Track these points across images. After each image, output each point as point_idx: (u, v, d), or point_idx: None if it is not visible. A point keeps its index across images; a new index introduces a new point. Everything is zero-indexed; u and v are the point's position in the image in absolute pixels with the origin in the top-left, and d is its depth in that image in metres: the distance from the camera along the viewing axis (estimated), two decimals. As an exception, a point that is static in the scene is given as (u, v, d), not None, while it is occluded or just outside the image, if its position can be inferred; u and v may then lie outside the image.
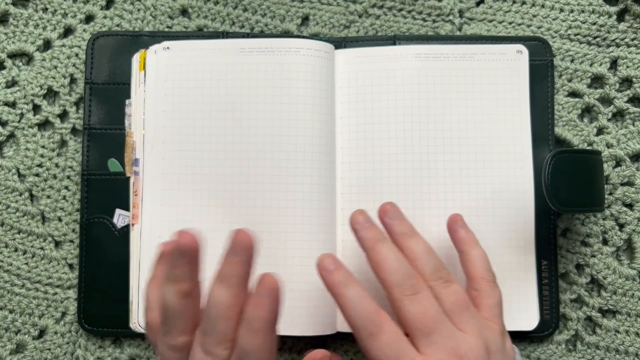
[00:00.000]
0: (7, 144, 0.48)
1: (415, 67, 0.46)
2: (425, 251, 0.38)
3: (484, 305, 0.38)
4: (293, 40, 0.46)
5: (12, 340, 0.47)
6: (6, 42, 0.48)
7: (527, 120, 0.46)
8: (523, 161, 0.45)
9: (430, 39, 0.48)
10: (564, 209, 0.41)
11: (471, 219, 0.44)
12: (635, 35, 0.49)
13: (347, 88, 0.46)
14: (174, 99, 0.46)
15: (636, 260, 0.47)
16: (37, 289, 0.47)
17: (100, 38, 0.47)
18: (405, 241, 0.39)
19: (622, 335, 0.47)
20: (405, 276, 0.36)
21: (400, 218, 0.40)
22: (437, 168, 0.45)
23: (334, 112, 0.46)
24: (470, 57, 0.46)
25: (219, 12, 0.49)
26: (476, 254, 0.40)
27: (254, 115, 0.45)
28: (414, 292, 0.35)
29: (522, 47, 0.46)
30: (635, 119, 0.48)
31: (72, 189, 0.47)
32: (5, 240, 0.47)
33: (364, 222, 0.39)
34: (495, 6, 0.49)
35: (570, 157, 0.42)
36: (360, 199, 0.45)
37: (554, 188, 0.41)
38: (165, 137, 0.45)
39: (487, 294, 0.39)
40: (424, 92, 0.46)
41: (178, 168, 0.45)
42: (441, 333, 0.35)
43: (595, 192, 0.43)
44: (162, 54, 0.46)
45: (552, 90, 0.47)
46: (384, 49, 0.46)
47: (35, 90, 0.48)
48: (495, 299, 0.39)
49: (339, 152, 0.46)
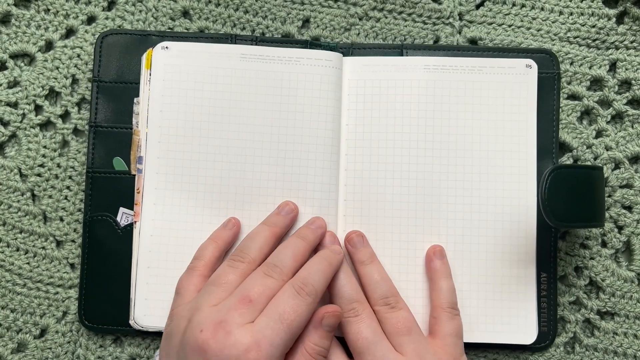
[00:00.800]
0: (9, 144, 0.48)
1: (424, 78, 0.46)
2: (378, 277, 0.42)
3: (439, 333, 0.41)
4: (297, 50, 0.46)
5: (13, 340, 0.47)
6: (8, 42, 0.49)
7: (534, 135, 0.46)
8: (527, 175, 0.45)
9: (438, 48, 0.48)
10: (560, 224, 0.41)
11: (472, 230, 0.45)
12: (635, 38, 0.49)
13: (355, 96, 0.46)
14: (171, 99, 0.46)
15: (635, 263, 0.47)
16: (38, 289, 0.47)
17: (109, 36, 0.47)
18: (362, 268, 0.43)
19: (621, 337, 0.47)
20: (348, 300, 0.41)
21: (362, 246, 0.44)
22: (440, 179, 0.45)
23: (340, 120, 0.46)
24: (479, 70, 0.46)
25: (220, 14, 0.49)
26: (444, 286, 0.43)
27: (253, 121, 0.45)
28: (354, 315, 0.40)
29: (532, 61, 0.46)
30: (634, 121, 0.48)
31: (73, 189, 0.48)
32: (7, 239, 0.47)
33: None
34: (495, 9, 0.49)
35: (569, 173, 0.42)
36: (363, 205, 0.45)
37: (551, 203, 0.41)
38: (161, 137, 0.45)
39: (443, 323, 0.41)
40: (431, 104, 0.46)
41: (173, 168, 0.45)
42: (373, 353, 0.39)
43: (595, 208, 0.43)
44: (161, 54, 0.46)
45: (557, 103, 0.47)
46: (393, 59, 0.46)
47: (37, 91, 0.48)
48: (451, 329, 0.41)
49: (343, 159, 0.46)
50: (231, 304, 0.37)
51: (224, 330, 0.36)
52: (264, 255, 0.41)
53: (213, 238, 0.44)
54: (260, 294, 0.38)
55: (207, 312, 0.37)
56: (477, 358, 0.47)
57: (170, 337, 0.39)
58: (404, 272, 0.45)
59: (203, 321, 0.37)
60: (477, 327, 0.44)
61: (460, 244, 0.45)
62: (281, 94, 0.45)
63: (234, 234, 0.44)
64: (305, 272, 0.39)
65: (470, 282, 0.45)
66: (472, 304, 0.44)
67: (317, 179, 0.45)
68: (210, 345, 0.35)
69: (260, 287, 0.38)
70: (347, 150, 0.46)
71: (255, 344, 0.35)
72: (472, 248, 0.45)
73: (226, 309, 0.37)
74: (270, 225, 0.43)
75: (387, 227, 0.45)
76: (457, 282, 0.44)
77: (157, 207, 0.45)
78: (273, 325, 0.36)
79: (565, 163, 0.48)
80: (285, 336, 0.36)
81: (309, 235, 0.42)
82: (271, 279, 0.39)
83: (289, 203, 0.44)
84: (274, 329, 0.36)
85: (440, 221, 0.45)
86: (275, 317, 0.37)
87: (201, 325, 0.37)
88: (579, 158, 0.48)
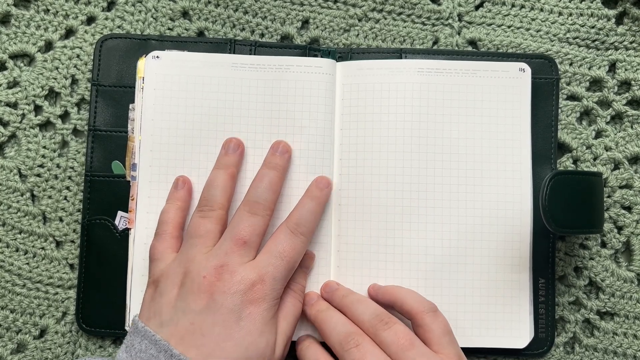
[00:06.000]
0: (9, 145, 0.48)
1: (417, 81, 0.46)
2: (361, 302, 0.42)
3: (432, 339, 0.40)
4: (287, 58, 0.46)
5: (13, 340, 0.47)
6: (8, 42, 0.49)
7: (528, 139, 0.46)
8: (522, 179, 0.45)
9: (437, 52, 0.47)
10: (560, 230, 0.41)
11: (467, 235, 0.45)
12: (634, 38, 0.49)
13: (349, 100, 0.46)
14: (163, 107, 0.45)
15: (634, 263, 0.47)
16: (38, 289, 0.47)
17: (109, 40, 0.47)
18: (344, 300, 0.43)
19: (620, 337, 0.47)
20: (343, 333, 0.40)
21: (337, 288, 0.44)
22: (435, 183, 0.45)
23: (333, 126, 0.46)
24: (472, 74, 0.46)
25: (220, 15, 0.49)
26: (403, 293, 0.42)
27: (246, 129, 0.45)
28: (354, 345, 0.39)
29: (525, 65, 0.46)
30: (634, 121, 0.48)
31: (73, 189, 0.48)
32: (7, 240, 0.47)
33: (309, 300, 0.43)
34: (494, 10, 0.49)
35: (569, 179, 0.42)
36: (357, 210, 0.45)
37: (551, 209, 0.41)
38: (153, 146, 0.45)
39: (431, 327, 0.40)
40: (424, 107, 0.45)
41: (166, 177, 0.45)
42: None
43: (594, 214, 0.43)
44: (152, 63, 0.46)
45: (556, 108, 0.47)
46: (387, 62, 0.46)
47: (36, 91, 0.48)
48: (441, 329, 0.40)
49: (337, 164, 0.46)
50: (227, 247, 0.40)
51: (228, 271, 0.38)
52: (229, 197, 0.43)
53: (171, 200, 0.44)
54: (251, 234, 0.40)
55: (202, 259, 0.39)
56: (475, 361, 0.47)
57: (160, 296, 0.39)
58: (398, 277, 0.44)
59: (203, 268, 0.39)
60: (472, 332, 0.44)
61: (456, 249, 0.45)
62: (272, 101, 0.45)
63: (188, 191, 0.45)
64: (297, 212, 0.42)
65: (465, 286, 0.45)
66: (467, 308, 0.44)
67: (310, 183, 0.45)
68: (217, 287, 0.38)
69: (249, 227, 0.40)
70: (341, 155, 0.46)
71: (259, 278, 0.39)
72: (467, 252, 0.45)
73: (223, 253, 0.39)
74: (225, 168, 0.44)
75: (381, 231, 0.45)
76: (453, 286, 0.44)
77: (151, 215, 0.45)
78: (274, 261, 0.40)
79: (565, 169, 0.48)
80: (285, 271, 0.40)
81: (278, 162, 0.44)
82: (257, 217, 0.41)
83: (232, 139, 0.45)
84: (276, 265, 0.40)
85: (435, 225, 0.45)
86: (276, 254, 0.40)
87: (202, 272, 0.39)
88: (578, 159, 0.48)
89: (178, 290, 0.39)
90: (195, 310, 0.38)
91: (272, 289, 0.39)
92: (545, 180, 0.41)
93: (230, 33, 0.49)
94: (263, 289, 0.39)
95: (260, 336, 0.38)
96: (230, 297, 0.38)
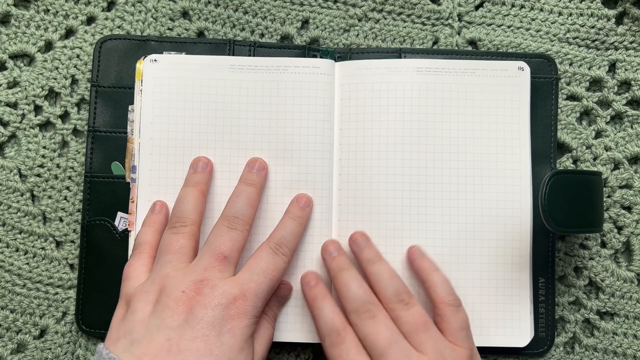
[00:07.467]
0: (9, 145, 0.49)
1: (416, 80, 0.46)
2: (387, 276, 0.41)
3: (448, 330, 0.40)
4: (286, 59, 0.46)
5: (13, 340, 0.47)
6: (7, 42, 0.49)
7: (527, 138, 0.46)
8: (521, 178, 0.45)
9: (436, 52, 0.47)
10: (560, 229, 0.41)
11: (467, 234, 0.45)
12: (634, 38, 0.49)
13: (348, 100, 0.46)
14: (161, 110, 0.45)
15: (634, 263, 0.47)
16: (38, 289, 0.47)
17: (108, 41, 0.47)
18: (370, 267, 0.42)
19: (620, 337, 0.47)
20: (362, 302, 0.40)
21: (367, 246, 0.43)
22: (434, 183, 0.45)
23: (333, 126, 0.46)
24: (471, 73, 0.46)
25: (220, 15, 0.49)
26: (436, 279, 0.42)
27: (245, 131, 0.45)
28: (370, 317, 0.39)
29: (524, 64, 0.46)
30: (634, 121, 0.48)
31: (73, 189, 0.48)
32: (7, 240, 0.48)
33: (332, 252, 0.43)
34: (494, 10, 0.49)
35: (569, 178, 0.42)
36: (357, 210, 0.45)
37: (550, 209, 0.41)
38: (152, 149, 0.45)
39: (450, 319, 0.40)
40: (423, 107, 0.45)
41: (165, 180, 0.45)
42: (395, 353, 0.38)
43: (594, 213, 0.43)
44: (150, 66, 0.46)
45: (556, 108, 0.47)
46: (385, 62, 0.46)
47: (36, 91, 0.48)
48: (459, 323, 0.40)
49: (337, 164, 0.46)
50: (206, 262, 0.39)
51: (209, 286, 0.38)
52: (200, 214, 0.42)
53: (148, 224, 0.44)
54: (231, 249, 0.40)
55: (179, 275, 0.38)
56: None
57: (132, 314, 0.37)
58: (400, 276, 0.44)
59: (181, 283, 0.38)
60: (473, 331, 0.44)
61: (456, 248, 0.45)
62: (270, 102, 0.45)
63: (164, 216, 0.44)
64: (278, 233, 0.42)
65: (466, 286, 0.45)
66: (468, 307, 0.44)
67: (309, 185, 0.45)
68: (197, 301, 0.37)
69: (229, 242, 0.40)
70: (340, 155, 0.45)
71: (241, 293, 0.38)
72: (467, 252, 0.45)
73: (202, 268, 0.38)
74: (194, 185, 0.43)
75: (381, 231, 0.45)
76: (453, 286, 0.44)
77: None
78: (256, 278, 0.39)
79: (564, 168, 0.48)
80: (267, 289, 0.39)
81: (255, 179, 0.43)
82: (236, 232, 0.40)
83: (201, 158, 0.45)
84: (258, 282, 0.39)
85: (435, 225, 0.45)
86: (258, 271, 0.39)
87: (181, 287, 0.38)
88: (578, 158, 0.48)
89: (152, 307, 0.37)
90: (171, 326, 0.36)
91: (254, 306, 0.38)
92: (545, 179, 0.41)
93: (230, 33, 0.49)
94: (244, 305, 0.38)
95: (240, 352, 0.37)
96: (212, 310, 0.37)
